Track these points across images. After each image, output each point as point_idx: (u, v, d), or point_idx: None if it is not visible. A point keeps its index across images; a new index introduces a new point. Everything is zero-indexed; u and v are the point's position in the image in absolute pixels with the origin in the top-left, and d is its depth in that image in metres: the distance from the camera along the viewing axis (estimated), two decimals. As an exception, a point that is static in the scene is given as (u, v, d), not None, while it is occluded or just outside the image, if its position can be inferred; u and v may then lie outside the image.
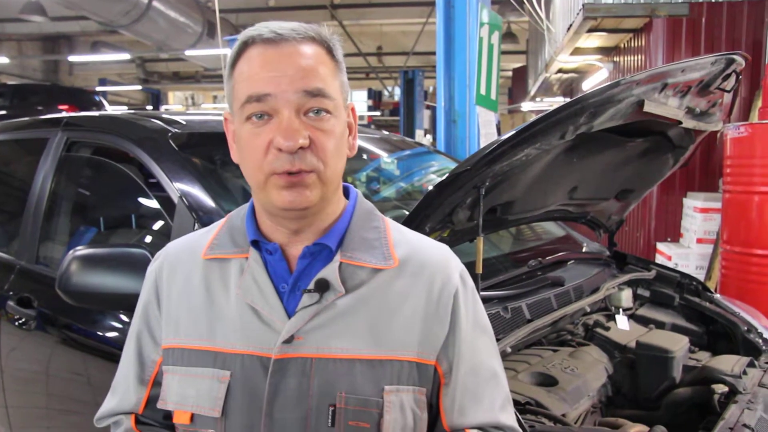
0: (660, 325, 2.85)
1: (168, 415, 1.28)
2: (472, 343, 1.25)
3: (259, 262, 1.22)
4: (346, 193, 1.31)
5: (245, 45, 1.17)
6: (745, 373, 2.31)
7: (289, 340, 1.16)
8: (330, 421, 1.15)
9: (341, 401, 1.15)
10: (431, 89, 18.58)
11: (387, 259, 1.22)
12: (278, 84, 1.12)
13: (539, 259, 2.65)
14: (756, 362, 2.47)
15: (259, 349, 1.18)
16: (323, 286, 1.18)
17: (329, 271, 1.19)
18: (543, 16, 8.50)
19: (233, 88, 1.18)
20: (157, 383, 1.30)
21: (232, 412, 1.18)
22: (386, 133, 3.87)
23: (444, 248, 1.31)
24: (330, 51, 1.20)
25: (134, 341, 1.32)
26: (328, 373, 1.16)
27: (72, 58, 19.20)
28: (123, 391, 1.33)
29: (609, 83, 1.93)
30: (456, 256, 1.32)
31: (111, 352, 2.28)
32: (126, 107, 23.46)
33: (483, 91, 5.26)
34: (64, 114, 3.13)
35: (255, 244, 1.24)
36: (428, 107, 13.84)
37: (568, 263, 2.87)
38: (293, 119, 1.12)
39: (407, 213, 2.03)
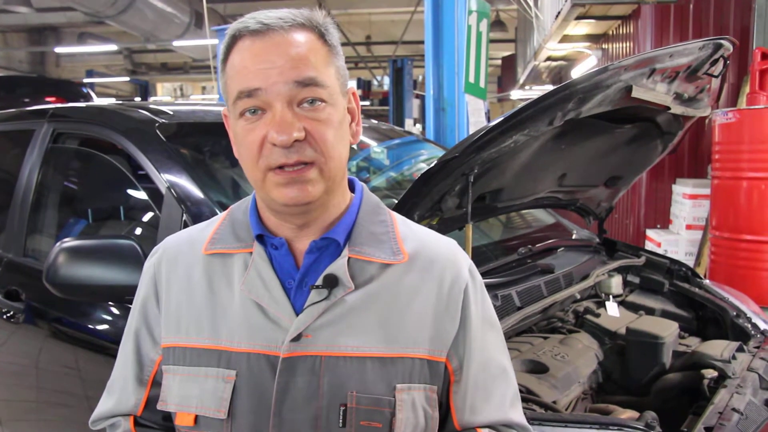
0: (650, 312, 2.86)
1: (168, 416, 1.24)
2: (482, 339, 1.23)
3: (264, 258, 1.18)
4: (352, 186, 1.27)
5: (234, 39, 1.13)
6: (734, 357, 2.32)
7: (297, 338, 1.12)
8: (341, 421, 1.11)
9: (352, 400, 1.12)
10: (420, 78, 18.53)
11: (396, 253, 1.19)
12: (267, 76, 1.08)
13: (529, 246, 2.65)
14: (745, 347, 2.48)
15: (266, 347, 1.14)
16: (332, 282, 1.14)
17: (338, 267, 1.15)
18: (531, 3, 8.49)
19: (226, 83, 1.14)
20: (156, 383, 1.25)
21: (238, 413, 1.14)
22: (375, 122, 3.86)
23: (452, 243, 1.28)
24: (322, 36, 1.14)
25: (132, 340, 1.27)
26: (338, 372, 1.12)
27: (59, 50, 19.04)
28: (120, 392, 1.28)
29: (597, 69, 1.93)
30: (463, 251, 1.29)
31: (100, 344, 2.27)
32: (114, 99, 23.30)
33: (472, 80, 5.25)
34: (50, 105, 3.10)
35: (260, 238, 1.20)
36: (417, 96, 13.80)
37: (558, 250, 2.87)
38: (286, 112, 1.08)
39: (396, 202, 2.02)
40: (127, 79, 22.15)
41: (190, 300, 1.20)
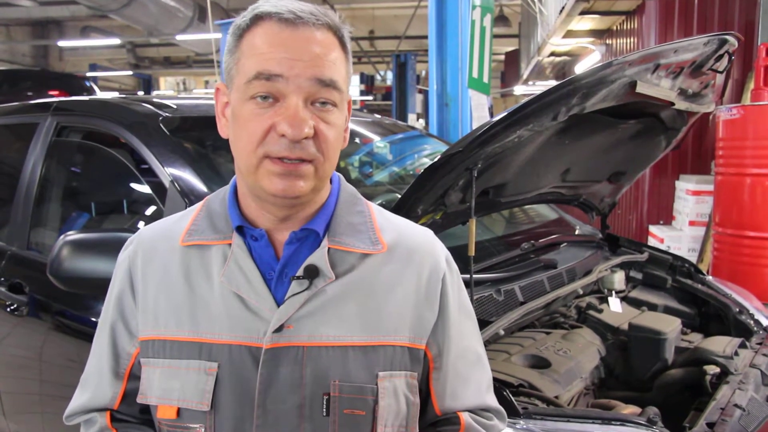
0: (652, 307, 2.86)
1: (145, 409, 1.24)
2: (460, 327, 1.25)
3: (244, 249, 1.17)
4: None
5: (257, 18, 1.11)
6: (736, 354, 2.32)
7: (279, 329, 1.13)
8: (325, 409, 1.12)
9: (335, 389, 1.13)
10: (423, 73, 18.52)
11: (375, 243, 1.20)
12: (291, 67, 1.07)
13: (532, 241, 2.65)
14: (747, 343, 2.48)
15: (248, 338, 1.14)
16: (312, 273, 1.14)
17: (318, 257, 1.16)
18: (535, -2, 8.47)
19: (238, 61, 1.12)
20: (133, 376, 1.24)
21: (221, 404, 1.14)
22: (378, 116, 3.85)
23: (429, 233, 1.30)
24: (342, 40, 1.14)
25: (107, 333, 1.26)
26: (320, 362, 1.13)
27: (62, 44, 19.07)
28: (95, 386, 1.26)
29: (602, 64, 1.93)
30: (440, 241, 1.31)
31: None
32: (117, 93, 23.32)
33: (475, 75, 5.25)
34: (54, 99, 3.10)
35: (239, 230, 1.19)
36: (420, 91, 13.79)
37: (561, 246, 2.88)
38: (301, 107, 1.07)
39: (399, 197, 2.02)
40: (130, 73, 22.16)
41: (168, 292, 1.19)
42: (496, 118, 1.89)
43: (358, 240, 1.19)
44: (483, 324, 2.00)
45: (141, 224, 2.75)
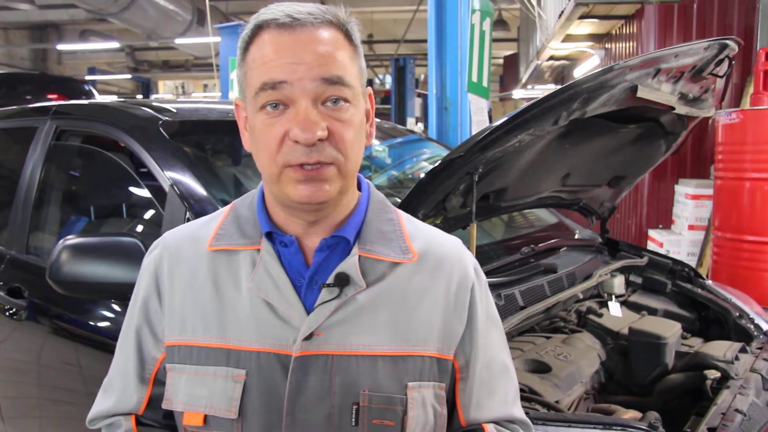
0: (652, 312, 2.85)
1: (169, 414, 1.23)
2: (487, 337, 1.24)
3: (273, 255, 1.16)
4: (358, 183, 1.25)
5: (258, 29, 1.10)
6: (737, 358, 2.32)
7: (309, 337, 1.11)
8: (354, 419, 1.11)
9: (365, 399, 1.12)
10: (422, 77, 18.54)
11: (405, 252, 1.18)
12: (294, 71, 1.06)
13: (532, 246, 2.65)
14: (747, 348, 2.48)
15: (277, 346, 1.12)
16: (343, 280, 1.13)
17: (349, 265, 1.14)
18: (534, 2, 8.48)
19: (246, 74, 1.12)
20: (158, 382, 1.23)
21: (249, 412, 1.12)
22: (377, 120, 3.85)
23: (457, 242, 1.29)
24: (348, 35, 1.13)
25: (133, 337, 1.24)
26: (350, 371, 1.12)
27: (61, 47, 19.07)
28: (120, 391, 1.25)
29: (602, 68, 1.93)
30: (468, 250, 1.30)
31: (102, 342, 2.27)
32: (116, 96, 23.31)
33: (475, 78, 5.25)
34: (53, 102, 3.10)
35: (268, 235, 1.18)
36: (419, 95, 13.80)
37: (561, 250, 2.87)
38: (311, 110, 1.06)
39: (399, 201, 2.02)
40: (129, 76, 22.16)
41: (196, 297, 1.18)
42: (497, 122, 1.89)
43: (388, 248, 1.18)
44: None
45: (141, 228, 2.75)
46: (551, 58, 11.56)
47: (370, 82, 20.45)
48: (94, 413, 1.28)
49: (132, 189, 2.84)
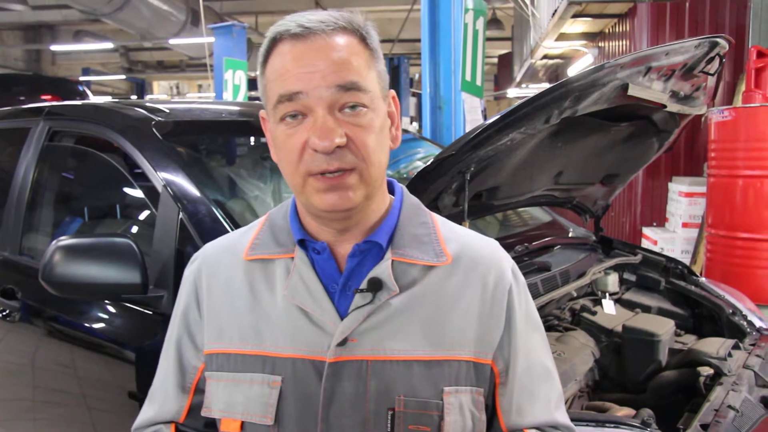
0: (646, 309, 2.86)
1: (209, 423, 1.24)
2: (527, 340, 1.22)
3: (306, 262, 1.17)
4: (391, 187, 1.25)
5: (274, 42, 1.11)
6: (730, 355, 2.33)
7: (342, 343, 1.11)
8: (389, 425, 1.11)
9: (400, 405, 1.11)
10: (417, 76, 18.53)
11: (439, 255, 1.17)
12: (309, 80, 1.06)
13: (525, 244, 2.65)
14: (740, 344, 2.48)
15: (311, 352, 1.13)
16: (376, 285, 1.13)
17: (382, 270, 1.14)
18: (528, 1, 8.49)
19: (265, 87, 1.13)
20: (199, 390, 1.25)
21: (285, 419, 1.13)
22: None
23: (494, 243, 1.27)
24: (364, 39, 1.13)
25: (174, 348, 1.27)
26: (385, 376, 1.12)
27: (54, 48, 19.00)
28: (162, 400, 1.27)
29: (593, 67, 1.93)
30: (505, 251, 1.28)
31: (96, 343, 2.27)
32: (110, 97, 23.28)
33: (468, 78, 5.25)
34: (46, 103, 3.09)
35: (301, 243, 1.18)
36: (414, 94, 13.81)
37: (555, 248, 2.87)
38: (328, 117, 1.06)
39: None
40: (124, 77, 22.11)
41: (232, 306, 1.20)
42: (489, 121, 1.89)
43: (422, 252, 1.18)
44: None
45: (134, 229, 2.74)
46: (545, 56, 11.59)
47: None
48: (138, 422, 1.31)
49: (125, 190, 2.83)
